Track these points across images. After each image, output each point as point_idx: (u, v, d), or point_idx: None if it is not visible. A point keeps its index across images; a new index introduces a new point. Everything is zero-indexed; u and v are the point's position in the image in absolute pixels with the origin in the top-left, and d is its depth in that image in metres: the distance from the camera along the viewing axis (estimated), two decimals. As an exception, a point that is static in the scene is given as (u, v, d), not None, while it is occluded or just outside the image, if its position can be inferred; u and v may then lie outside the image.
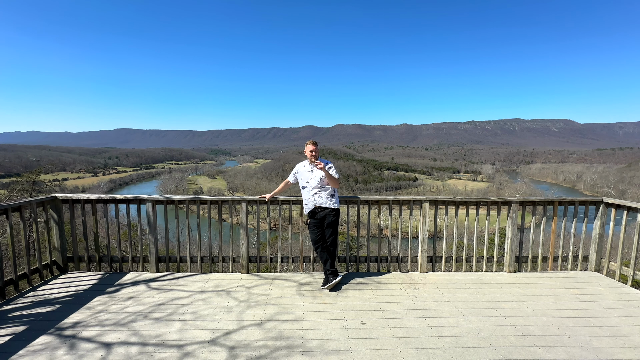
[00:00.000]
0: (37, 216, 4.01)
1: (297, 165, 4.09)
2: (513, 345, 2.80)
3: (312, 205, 3.90)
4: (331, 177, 3.80)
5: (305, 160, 4.01)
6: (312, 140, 3.96)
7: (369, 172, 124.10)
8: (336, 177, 3.85)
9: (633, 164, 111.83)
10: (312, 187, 3.90)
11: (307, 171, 3.95)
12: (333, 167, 3.90)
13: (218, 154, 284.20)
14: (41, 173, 13.26)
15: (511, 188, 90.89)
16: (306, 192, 3.96)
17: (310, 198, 3.92)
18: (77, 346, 2.69)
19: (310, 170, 3.92)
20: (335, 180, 3.84)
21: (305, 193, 3.97)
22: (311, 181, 3.91)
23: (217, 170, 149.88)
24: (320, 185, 3.88)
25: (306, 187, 3.94)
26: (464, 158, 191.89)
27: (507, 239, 4.49)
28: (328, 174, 3.77)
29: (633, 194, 72.43)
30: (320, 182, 3.87)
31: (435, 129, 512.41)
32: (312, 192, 3.90)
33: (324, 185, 3.89)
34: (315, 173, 3.89)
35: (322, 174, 3.86)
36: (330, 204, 3.89)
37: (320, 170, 3.85)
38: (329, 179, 3.82)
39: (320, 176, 3.86)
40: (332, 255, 4.02)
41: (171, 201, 4.32)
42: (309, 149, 3.90)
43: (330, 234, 3.95)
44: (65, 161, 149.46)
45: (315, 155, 3.88)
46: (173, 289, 3.82)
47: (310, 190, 3.91)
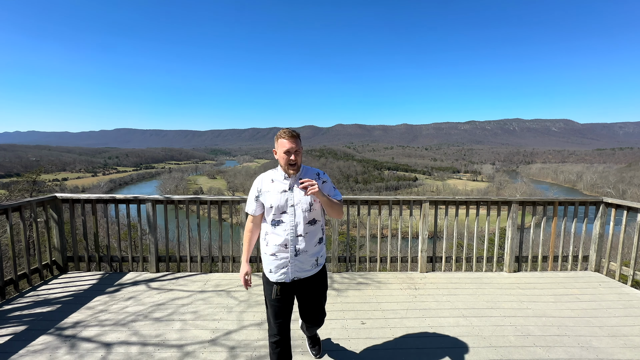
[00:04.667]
0: (37, 216, 4.01)
1: (258, 181, 2.16)
2: (513, 345, 2.80)
3: (288, 269, 2.07)
4: (333, 204, 2.08)
5: (274, 170, 2.16)
6: (289, 131, 2.03)
7: (369, 172, 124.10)
8: (340, 199, 2.20)
9: (633, 164, 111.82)
10: (290, 224, 2.05)
11: (280, 190, 2.06)
12: (330, 182, 2.20)
13: (218, 154, 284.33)
14: (41, 173, 13.26)
15: (511, 188, 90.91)
16: (277, 230, 2.06)
17: (282, 245, 2.05)
18: (77, 346, 2.70)
19: (287, 189, 2.07)
20: (340, 207, 2.16)
21: (274, 234, 2.07)
22: (289, 211, 2.05)
23: (217, 170, 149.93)
24: (308, 220, 2.07)
25: (279, 222, 2.06)
26: (464, 158, 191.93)
27: (507, 239, 4.49)
28: (328, 199, 2.05)
29: (633, 194, 72.42)
30: (308, 214, 2.07)
31: (435, 129, 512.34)
32: (289, 232, 2.05)
33: (314, 219, 2.11)
34: (297, 195, 2.06)
35: (312, 198, 2.07)
36: (320, 263, 2.19)
37: (307, 192, 1.95)
38: (329, 208, 2.08)
39: (309, 202, 2.07)
40: (316, 342, 2.61)
41: (171, 201, 4.32)
42: (282, 148, 2.00)
43: (315, 304, 2.25)
44: (65, 161, 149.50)
45: (296, 162, 2.02)
46: (173, 289, 3.82)
47: (287, 230, 2.05)
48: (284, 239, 2.06)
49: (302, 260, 2.09)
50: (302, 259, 2.09)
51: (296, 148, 2.00)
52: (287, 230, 2.06)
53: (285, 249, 2.06)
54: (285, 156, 2.00)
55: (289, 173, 2.06)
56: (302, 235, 2.07)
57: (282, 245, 2.06)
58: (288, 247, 2.06)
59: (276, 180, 2.10)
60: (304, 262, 2.10)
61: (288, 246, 2.06)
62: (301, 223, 2.06)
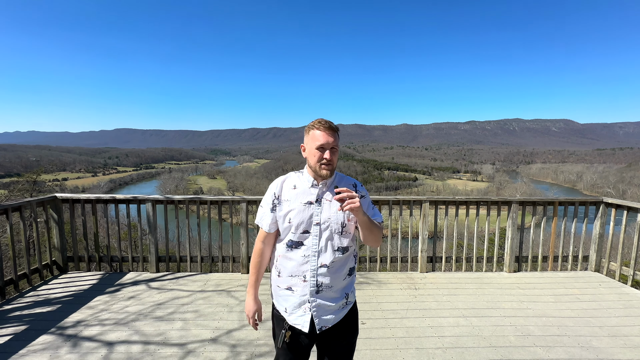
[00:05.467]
0: (37, 216, 4.01)
1: (275, 185, 1.60)
2: (513, 345, 2.80)
3: (307, 311, 1.51)
4: (373, 227, 1.50)
5: (297, 174, 1.61)
6: (326, 121, 1.49)
7: (369, 172, 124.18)
8: (382, 221, 1.61)
9: (633, 164, 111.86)
10: (313, 249, 1.50)
11: (305, 202, 1.52)
12: (368, 197, 1.62)
13: (218, 154, 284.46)
14: (41, 173, 13.26)
15: (511, 188, 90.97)
16: (293, 255, 1.52)
17: (298, 277, 1.52)
18: (79, 345, 2.70)
19: (314, 201, 1.52)
20: (381, 232, 1.57)
21: (288, 259, 1.54)
22: (313, 231, 1.50)
23: (217, 170, 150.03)
24: (337, 247, 1.52)
25: (297, 244, 1.51)
26: (464, 158, 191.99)
27: (507, 239, 4.50)
28: (369, 220, 1.47)
29: (633, 194, 72.47)
30: (338, 237, 1.53)
31: (435, 129, 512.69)
32: (309, 259, 1.50)
33: (346, 246, 1.55)
34: (326, 211, 1.52)
35: (346, 216, 1.52)
36: (350, 300, 1.61)
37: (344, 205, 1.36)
38: (368, 231, 1.49)
39: (341, 220, 1.52)
40: None
41: (171, 201, 4.32)
42: (316, 142, 1.47)
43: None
44: (65, 161, 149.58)
45: (331, 161, 1.48)
46: (174, 289, 3.82)
47: (307, 256, 1.50)
48: (301, 268, 1.49)
49: (326, 299, 1.51)
50: (325, 296, 1.51)
51: (333, 144, 1.46)
52: (307, 257, 1.49)
53: (302, 282, 1.50)
54: (319, 153, 1.45)
55: (320, 176, 1.48)
56: (326, 266, 1.49)
57: (298, 277, 1.50)
58: (307, 280, 1.49)
59: (300, 187, 1.54)
60: (328, 301, 1.51)
61: (307, 279, 1.49)
62: (328, 249, 1.49)
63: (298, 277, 1.51)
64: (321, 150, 1.46)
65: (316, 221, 1.51)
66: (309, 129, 1.51)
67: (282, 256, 1.56)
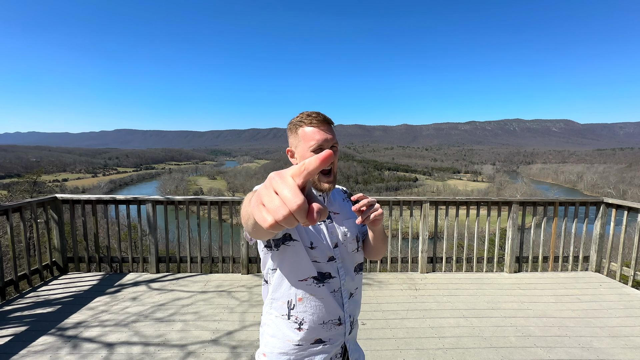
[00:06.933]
0: (38, 217, 4.01)
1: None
2: (514, 345, 2.79)
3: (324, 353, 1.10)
4: (385, 238, 1.20)
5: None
6: (318, 113, 1.07)
7: (369, 172, 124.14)
8: None
9: (633, 164, 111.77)
10: (342, 279, 1.11)
11: None
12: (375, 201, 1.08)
13: (218, 155, 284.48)
14: (42, 174, 13.28)
15: (511, 188, 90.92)
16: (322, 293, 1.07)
17: (333, 323, 1.09)
18: (79, 346, 2.70)
19: (327, 220, 1.13)
20: (387, 242, 1.28)
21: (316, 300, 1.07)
22: (336, 255, 1.10)
23: (217, 171, 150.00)
24: (356, 265, 1.17)
25: (326, 278, 1.07)
26: (464, 158, 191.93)
27: (508, 240, 4.49)
28: (384, 231, 1.19)
29: (633, 194, 72.40)
30: (356, 254, 1.17)
31: (436, 129, 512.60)
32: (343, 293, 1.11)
33: (361, 262, 1.21)
34: (340, 225, 1.15)
35: (358, 227, 1.20)
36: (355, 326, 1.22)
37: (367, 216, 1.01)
38: (380, 243, 1.18)
39: (355, 235, 1.16)
40: None
41: (171, 202, 4.32)
42: (310, 141, 1.05)
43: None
44: (65, 162, 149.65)
45: (332, 168, 1.08)
46: (174, 290, 3.82)
47: (337, 289, 1.10)
48: (333, 306, 1.09)
49: (354, 336, 1.21)
50: (354, 334, 1.21)
51: (332, 141, 1.08)
52: (336, 291, 1.10)
53: (337, 326, 1.11)
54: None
55: (320, 190, 1.10)
56: (352, 294, 1.15)
57: (332, 323, 1.10)
58: (343, 322, 1.11)
59: None
60: (355, 337, 1.23)
61: (342, 320, 1.11)
62: (350, 273, 1.14)
63: (332, 322, 1.09)
64: (319, 152, 1.02)
65: (334, 241, 1.11)
66: (296, 126, 1.10)
67: (307, 298, 1.07)
